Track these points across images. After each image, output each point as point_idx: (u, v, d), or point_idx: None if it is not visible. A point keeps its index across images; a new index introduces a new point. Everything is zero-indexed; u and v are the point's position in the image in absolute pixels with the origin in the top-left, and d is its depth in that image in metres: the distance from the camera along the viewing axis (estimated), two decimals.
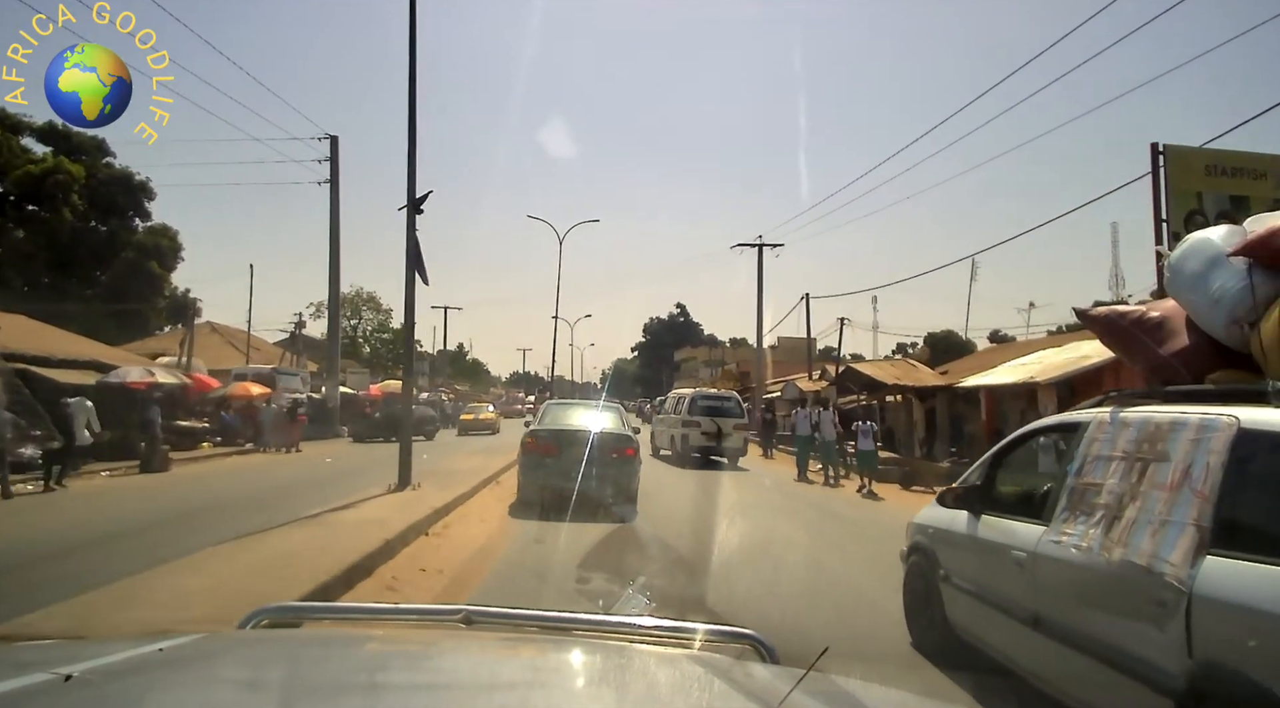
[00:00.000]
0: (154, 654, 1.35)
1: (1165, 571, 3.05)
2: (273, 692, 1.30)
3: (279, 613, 1.75)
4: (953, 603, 4.86)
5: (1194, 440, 3.20)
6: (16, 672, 1.16)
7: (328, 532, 7.94)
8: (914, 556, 5.52)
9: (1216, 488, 3.01)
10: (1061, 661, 3.68)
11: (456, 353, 77.75)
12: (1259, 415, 3.01)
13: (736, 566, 7.71)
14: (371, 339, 51.68)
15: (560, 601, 6.01)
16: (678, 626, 1.67)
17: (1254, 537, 2.88)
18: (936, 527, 5.21)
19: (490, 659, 1.55)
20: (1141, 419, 3.61)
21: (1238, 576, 2.81)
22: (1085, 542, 3.59)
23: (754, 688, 1.32)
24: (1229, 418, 3.10)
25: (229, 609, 3.86)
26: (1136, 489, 3.42)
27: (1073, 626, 3.63)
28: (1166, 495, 3.23)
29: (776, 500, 14.43)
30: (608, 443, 11.38)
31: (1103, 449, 3.76)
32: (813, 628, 5.59)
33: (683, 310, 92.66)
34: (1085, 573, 3.57)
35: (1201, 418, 3.23)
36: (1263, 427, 2.96)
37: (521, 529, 9.65)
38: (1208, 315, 3.62)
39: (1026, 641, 3.98)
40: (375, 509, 9.80)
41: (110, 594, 5.33)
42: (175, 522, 9.84)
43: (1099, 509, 3.59)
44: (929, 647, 5.06)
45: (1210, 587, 2.87)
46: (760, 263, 35.58)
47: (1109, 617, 3.41)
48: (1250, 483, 2.96)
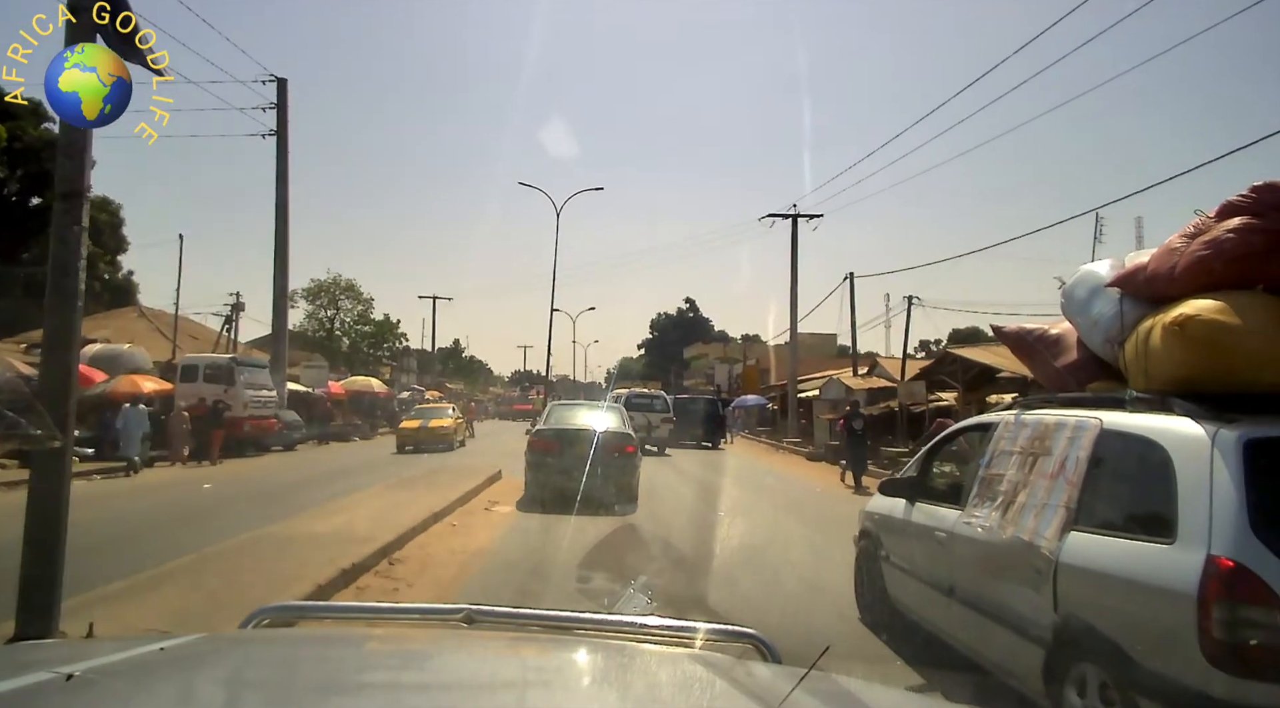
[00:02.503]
0: (155, 654, 1.35)
1: (1041, 544, 3.74)
2: (273, 692, 1.29)
3: (280, 613, 1.77)
4: (891, 580, 5.55)
5: (1070, 438, 3.90)
6: (18, 672, 1.17)
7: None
8: (862, 540, 6.19)
9: (1082, 477, 3.70)
10: (968, 623, 4.38)
11: (452, 349, 75.56)
12: (1117, 418, 3.70)
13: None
14: (351, 331, 47.30)
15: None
16: (679, 625, 1.69)
17: (1105, 515, 3.57)
18: (880, 514, 5.90)
19: (492, 659, 1.56)
20: (1036, 421, 4.31)
21: (1091, 547, 3.50)
22: (988, 522, 4.28)
23: (755, 688, 1.32)
24: (1095, 420, 3.79)
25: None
26: (1027, 478, 4.11)
27: (976, 592, 4.32)
28: (1048, 483, 3.92)
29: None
30: (610, 442, 11.91)
31: (1006, 446, 4.45)
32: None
33: (692, 305, 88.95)
34: (986, 548, 4.27)
35: (1077, 420, 3.93)
36: (1118, 427, 3.65)
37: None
38: (1090, 335, 4.31)
39: (944, 608, 4.67)
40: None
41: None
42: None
43: (1000, 495, 4.28)
44: (873, 621, 5.76)
45: (1071, 556, 3.56)
46: (795, 237, 30.70)
47: (1001, 584, 4.10)
48: (1106, 473, 3.65)
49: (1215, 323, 3.38)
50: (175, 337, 29.02)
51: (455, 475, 14.42)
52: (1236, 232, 3.48)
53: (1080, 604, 3.49)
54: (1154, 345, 3.64)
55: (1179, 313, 3.49)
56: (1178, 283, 3.69)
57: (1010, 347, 5.26)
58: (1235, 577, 2.82)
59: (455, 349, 77.30)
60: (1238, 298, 3.43)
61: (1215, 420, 3.18)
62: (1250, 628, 2.77)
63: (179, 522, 10.01)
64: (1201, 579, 2.87)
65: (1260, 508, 2.89)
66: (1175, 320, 3.49)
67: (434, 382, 56.58)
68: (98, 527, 8.35)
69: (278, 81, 24.69)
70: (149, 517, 10.52)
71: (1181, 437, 3.25)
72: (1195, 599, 2.86)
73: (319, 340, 44.27)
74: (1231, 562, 2.83)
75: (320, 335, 44.94)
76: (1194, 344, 3.43)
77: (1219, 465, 3.02)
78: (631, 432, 13.06)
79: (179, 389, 20.29)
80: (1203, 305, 3.45)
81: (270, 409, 22.44)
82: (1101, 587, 3.39)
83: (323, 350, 42.21)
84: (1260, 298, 3.42)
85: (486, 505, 11.69)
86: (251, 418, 21.30)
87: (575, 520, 9.70)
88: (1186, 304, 3.53)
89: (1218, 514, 2.94)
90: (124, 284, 36.35)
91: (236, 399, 20.71)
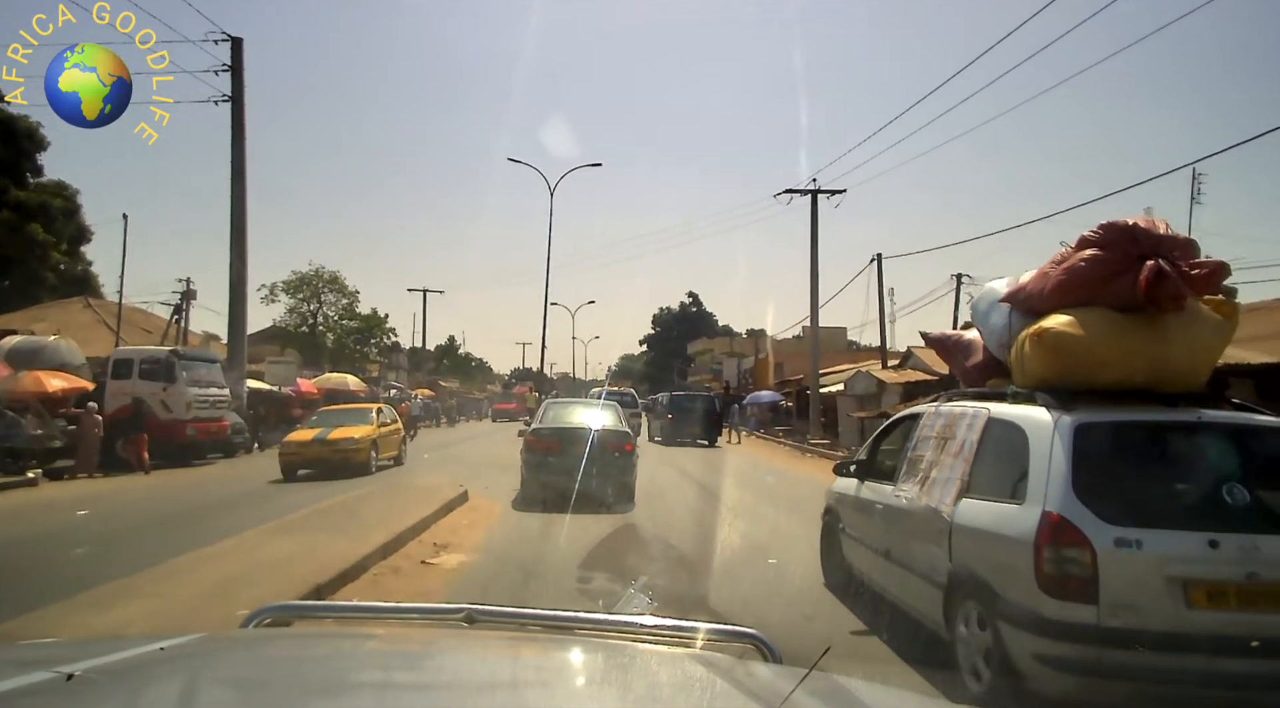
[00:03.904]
0: (155, 654, 1.36)
1: (943, 510, 4.70)
2: (274, 691, 1.29)
3: (280, 612, 1.77)
4: (847, 548, 6.51)
5: (968, 424, 4.86)
6: (18, 671, 1.17)
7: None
8: (826, 516, 7.16)
9: (973, 455, 4.66)
10: (897, 578, 5.35)
11: (448, 346, 73.94)
12: (1000, 408, 4.65)
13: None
14: (335, 327, 44.55)
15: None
16: (680, 625, 1.69)
17: (985, 485, 4.53)
18: (839, 492, 6.86)
19: (492, 658, 1.57)
20: (948, 411, 5.27)
21: (975, 510, 4.45)
22: (910, 495, 5.25)
23: (756, 688, 1.33)
24: (985, 410, 4.75)
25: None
26: (939, 457, 5.06)
27: (901, 553, 5.30)
28: (951, 461, 4.88)
29: None
30: (607, 440, 11.95)
31: (927, 431, 5.41)
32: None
33: (695, 300, 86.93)
34: (908, 516, 5.23)
35: (974, 409, 4.88)
36: (999, 415, 4.60)
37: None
38: (989, 340, 5.25)
39: (882, 568, 5.64)
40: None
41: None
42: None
43: (920, 472, 5.24)
44: (833, 584, 6.73)
45: (962, 518, 4.51)
46: (814, 215, 27.79)
47: (918, 544, 5.06)
48: (989, 451, 4.60)
49: (1064, 334, 4.33)
50: (119, 328, 25.71)
51: (389, 502, 10.76)
52: (1086, 261, 4.42)
53: (966, 555, 4.45)
54: (1026, 350, 4.59)
55: (1039, 325, 4.45)
56: (1046, 300, 4.63)
57: (935, 349, 6.22)
58: (1059, 526, 3.77)
59: (451, 346, 75.33)
60: (1084, 313, 4.38)
61: (1060, 409, 4.14)
62: (1068, 564, 3.72)
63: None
64: (1037, 529, 3.83)
65: (1082, 474, 3.85)
66: (1035, 331, 4.45)
67: (426, 380, 54.07)
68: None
69: (232, 41, 22.08)
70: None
71: (1035, 422, 4.21)
72: (1032, 544, 3.83)
73: (301, 336, 42.28)
74: (1057, 516, 3.79)
75: (303, 331, 42.82)
76: (1049, 350, 4.39)
77: (1056, 443, 3.98)
78: (629, 429, 13.09)
79: (110, 387, 17.96)
80: (1056, 320, 4.41)
81: (220, 411, 19.64)
82: (979, 541, 4.35)
83: (306, 346, 40.75)
84: (1102, 314, 4.36)
85: (430, 554, 8.02)
86: (197, 421, 18.49)
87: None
88: (1048, 318, 4.48)
89: (1052, 480, 3.90)
90: (82, 276, 33.45)
91: (177, 398, 17.99)
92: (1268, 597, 3.59)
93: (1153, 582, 3.63)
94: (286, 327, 42.30)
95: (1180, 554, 3.64)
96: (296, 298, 42.81)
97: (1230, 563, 3.60)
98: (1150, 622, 3.59)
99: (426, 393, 45.84)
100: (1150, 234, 4.32)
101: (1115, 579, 3.64)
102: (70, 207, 32.96)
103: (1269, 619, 3.56)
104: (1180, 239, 4.34)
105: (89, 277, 34.56)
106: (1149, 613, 3.61)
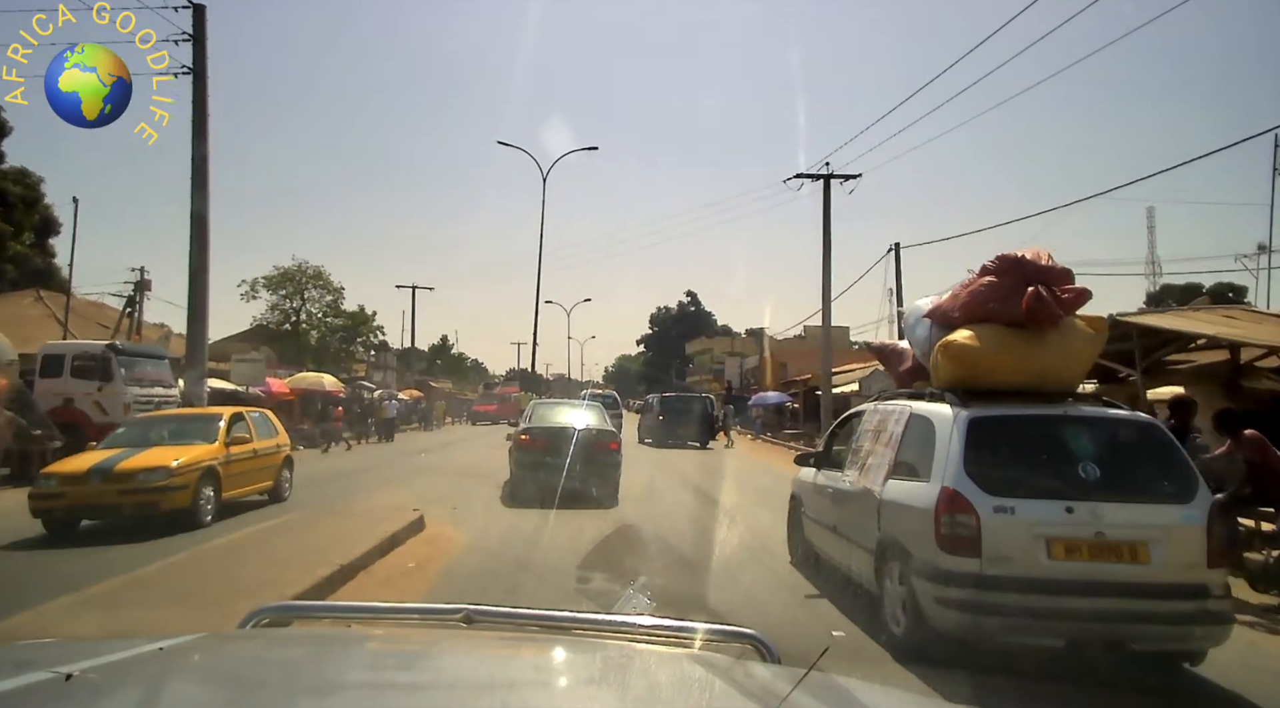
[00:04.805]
0: (154, 654, 1.38)
1: (875, 490, 5.74)
2: (273, 691, 1.29)
3: (279, 612, 1.78)
4: (807, 528, 7.55)
5: (896, 419, 5.90)
6: (17, 671, 1.18)
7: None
8: (792, 501, 8.21)
9: (898, 444, 5.70)
10: (842, 548, 6.39)
11: (441, 346, 72.84)
12: (919, 405, 5.69)
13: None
14: (319, 324, 42.59)
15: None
16: (678, 625, 1.70)
17: (905, 468, 5.56)
18: (802, 481, 7.91)
19: (491, 659, 1.58)
20: (883, 408, 6.31)
21: (898, 488, 5.49)
22: (853, 479, 6.29)
23: (755, 688, 1.34)
24: (908, 407, 5.79)
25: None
26: (874, 447, 6.11)
27: (846, 528, 6.34)
28: (883, 450, 5.92)
29: None
30: (592, 439, 12.43)
31: (868, 426, 6.45)
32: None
33: (693, 299, 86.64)
34: (851, 496, 6.27)
35: (901, 407, 5.93)
36: (918, 411, 5.64)
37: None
38: (916, 350, 6.30)
39: (831, 541, 6.68)
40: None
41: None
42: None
43: (860, 460, 6.28)
44: (796, 560, 7.77)
45: (888, 495, 5.55)
46: (827, 202, 25.85)
47: (856, 519, 6.10)
48: (909, 441, 5.64)
49: (964, 345, 5.39)
50: (67, 320, 23.79)
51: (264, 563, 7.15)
52: (984, 286, 5.47)
53: (890, 525, 5.49)
54: (938, 358, 5.64)
55: (946, 338, 5.50)
56: (955, 317, 5.68)
57: (876, 357, 7.27)
58: (952, 498, 4.81)
59: (444, 346, 73.77)
60: (982, 329, 5.43)
61: (959, 406, 5.18)
62: (959, 527, 4.76)
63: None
64: (937, 501, 4.87)
65: (971, 457, 4.89)
66: (943, 343, 5.50)
67: (415, 380, 51.92)
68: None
69: (194, 7, 20.60)
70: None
71: (941, 416, 5.25)
72: (933, 513, 4.87)
73: (284, 334, 40.50)
74: (951, 490, 4.83)
75: (286, 330, 40.89)
76: (953, 359, 5.44)
77: (955, 433, 5.02)
78: (614, 428, 13.63)
79: (39, 386, 16.14)
80: (960, 333, 5.46)
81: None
82: (899, 512, 5.39)
83: (289, 345, 39.08)
84: (995, 329, 5.41)
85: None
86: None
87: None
88: (954, 332, 5.53)
89: (950, 462, 4.94)
90: (45, 269, 31.07)
91: (114, 399, 15.95)
92: (1110, 550, 4.63)
93: (1022, 540, 4.67)
94: (268, 324, 40.71)
95: (1044, 518, 4.69)
96: (278, 294, 40.80)
97: (1082, 525, 4.64)
98: (1020, 570, 4.63)
99: (415, 394, 44.03)
100: (1034, 265, 5.38)
101: (994, 538, 4.68)
102: (32, 195, 30.70)
103: (1110, 568, 4.61)
104: (1058, 269, 5.39)
105: (53, 270, 31.86)
106: (1019, 564, 4.65)
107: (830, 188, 25.42)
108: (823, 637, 5.50)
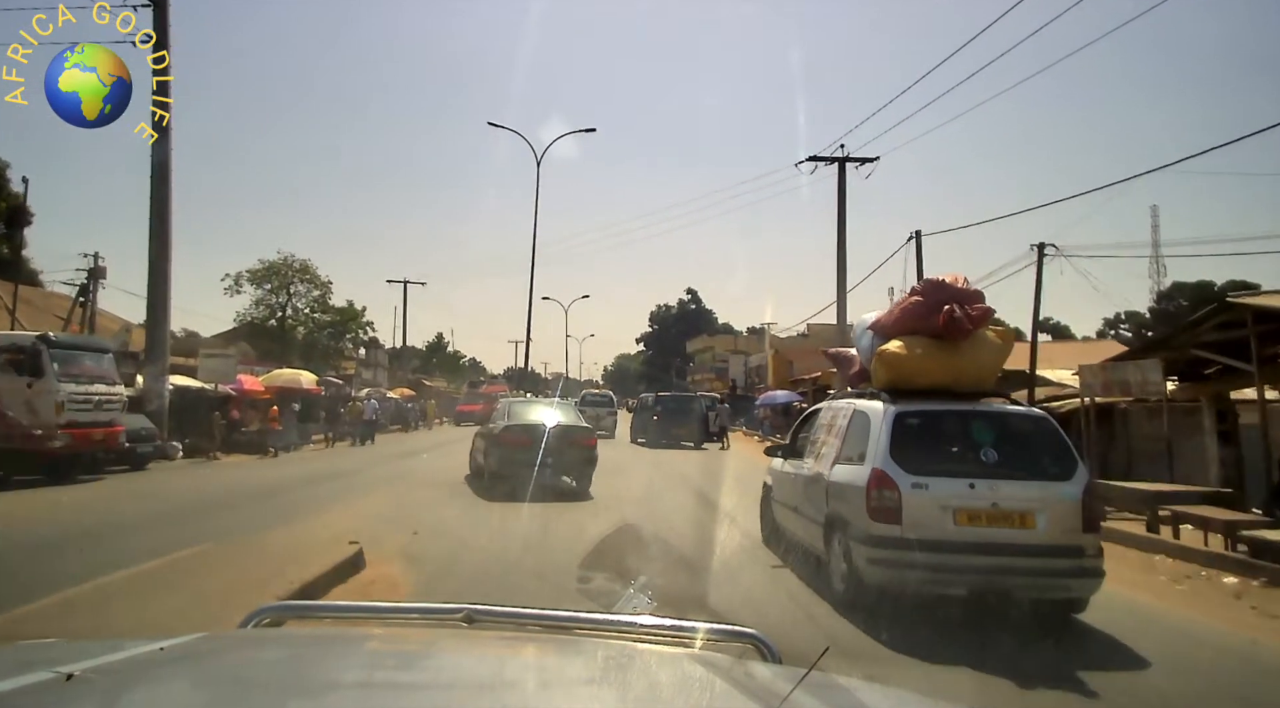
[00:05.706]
0: (155, 654, 1.38)
1: (824, 474, 6.90)
2: (273, 691, 1.30)
3: (279, 612, 1.80)
4: (775, 511, 8.72)
5: (844, 414, 7.07)
6: (18, 671, 1.18)
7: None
8: (764, 489, 9.39)
9: (844, 435, 6.87)
10: (800, 524, 7.56)
11: (436, 344, 72.69)
12: (861, 403, 6.86)
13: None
14: (306, 320, 41.09)
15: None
16: (679, 625, 1.70)
17: (848, 454, 6.72)
18: (772, 469, 9.08)
19: (492, 658, 1.60)
20: (835, 405, 7.49)
21: (842, 471, 6.65)
22: (810, 466, 7.45)
23: (755, 688, 1.35)
24: (852, 404, 6.96)
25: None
26: (827, 438, 7.27)
27: (803, 507, 7.50)
28: (833, 441, 7.08)
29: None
30: (567, 435, 13.03)
31: (824, 420, 7.62)
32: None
33: (694, 296, 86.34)
34: (807, 480, 7.43)
35: (847, 404, 7.10)
36: (860, 408, 6.80)
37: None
38: (862, 357, 7.48)
39: (793, 520, 7.85)
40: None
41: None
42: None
43: (817, 449, 7.45)
44: (766, 539, 8.94)
45: (834, 478, 6.71)
46: (841, 187, 24.95)
47: (811, 499, 7.26)
48: (852, 433, 6.80)
49: (895, 353, 6.56)
50: (14, 309, 22.35)
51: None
52: (912, 304, 6.65)
53: (835, 501, 6.65)
54: (875, 365, 6.81)
55: (881, 348, 6.68)
56: (891, 329, 6.86)
57: (832, 362, 8.47)
58: (880, 477, 5.97)
59: (439, 344, 73.13)
60: (910, 340, 6.61)
61: (890, 403, 6.35)
62: (884, 500, 5.92)
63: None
64: (868, 480, 6.03)
65: (896, 443, 6.05)
66: (879, 352, 6.68)
67: (408, 378, 50.41)
68: None
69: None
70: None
71: (875, 411, 6.42)
72: (865, 488, 6.03)
73: (270, 332, 39.33)
74: (879, 470, 6.00)
75: (272, 325, 39.59)
76: (886, 365, 6.62)
77: (884, 425, 6.19)
78: (590, 426, 14.60)
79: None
80: (891, 344, 6.64)
81: (111, 413, 15.69)
82: (841, 491, 6.55)
83: (274, 341, 38.27)
84: (921, 340, 6.58)
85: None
86: (74, 426, 14.54)
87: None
88: (888, 343, 6.71)
89: (879, 448, 6.11)
90: (10, 260, 29.57)
91: (45, 398, 14.25)
92: (1003, 518, 5.81)
93: (934, 510, 5.84)
94: (253, 320, 39.59)
95: (951, 493, 5.86)
96: (264, 289, 39.40)
97: (981, 498, 5.81)
98: (932, 534, 5.80)
99: (407, 393, 42.55)
100: (952, 288, 6.56)
101: (912, 508, 5.85)
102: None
103: (1004, 532, 5.78)
104: (970, 291, 6.58)
105: (21, 261, 30.61)
106: (931, 529, 5.81)
107: (845, 172, 24.62)
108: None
